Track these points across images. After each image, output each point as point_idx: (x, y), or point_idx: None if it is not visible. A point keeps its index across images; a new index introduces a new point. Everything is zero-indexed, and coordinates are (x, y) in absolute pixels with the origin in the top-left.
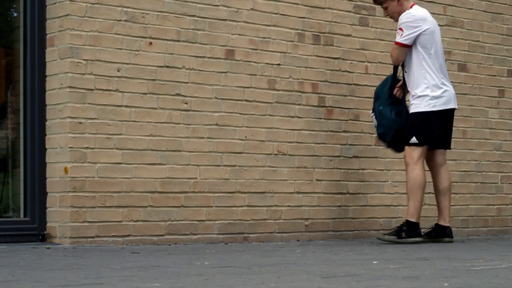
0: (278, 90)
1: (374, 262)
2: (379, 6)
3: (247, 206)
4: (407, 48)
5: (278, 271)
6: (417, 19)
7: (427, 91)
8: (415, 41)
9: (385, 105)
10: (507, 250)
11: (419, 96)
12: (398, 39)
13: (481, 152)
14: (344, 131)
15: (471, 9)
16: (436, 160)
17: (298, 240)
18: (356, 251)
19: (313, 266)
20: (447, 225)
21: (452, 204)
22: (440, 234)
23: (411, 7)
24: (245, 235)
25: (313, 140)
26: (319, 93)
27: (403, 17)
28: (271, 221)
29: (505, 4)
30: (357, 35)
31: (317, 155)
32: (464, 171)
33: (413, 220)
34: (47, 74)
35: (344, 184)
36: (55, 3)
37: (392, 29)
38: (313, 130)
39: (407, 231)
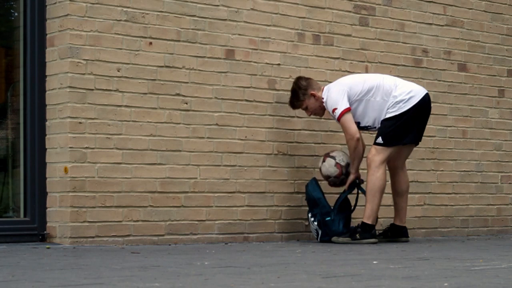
0: (278, 90)
1: (374, 262)
2: (300, 109)
3: (247, 206)
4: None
5: (278, 271)
6: (335, 89)
7: (395, 98)
8: (354, 103)
9: (332, 215)
10: (507, 250)
11: (389, 106)
12: (337, 112)
13: (481, 152)
14: None
15: (471, 9)
16: (398, 162)
17: (298, 240)
18: (356, 251)
19: (313, 266)
20: (403, 225)
21: (452, 204)
22: (396, 233)
23: (322, 90)
24: (245, 235)
25: (313, 140)
26: None
27: (328, 101)
28: (271, 221)
29: (505, 4)
30: (357, 35)
31: (317, 155)
32: (464, 171)
33: (369, 222)
34: (47, 74)
35: None
36: (55, 3)
37: (391, 29)
38: (313, 130)
39: (361, 233)
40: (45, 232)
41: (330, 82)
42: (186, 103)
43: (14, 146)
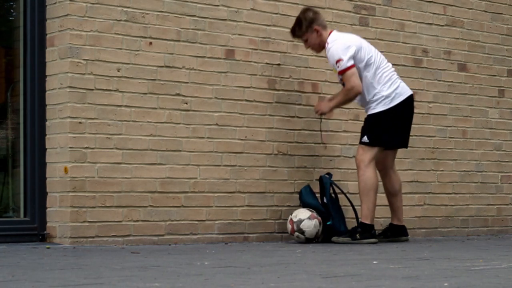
0: (278, 90)
1: (374, 262)
2: (300, 39)
3: (247, 206)
4: (355, 67)
5: (278, 271)
6: (344, 42)
7: (379, 93)
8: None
9: (331, 219)
10: (507, 250)
11: (373, 100)
12: (343, 65)
13: (481, 152)
14: (344, 131)
15: (471, 9)
16: (386, 162)
17: None
18: (356, 251)
19: (313, 266)
20: (402, 224)
21: (452, 204)
22: (396, 233)
23: (329, 34)
24: (245, 235)
25: (313, 140)
26: (319, 93)
27: (332, 50)
28: (271, 221)
29: (505, 4)
30: (357, 35)
31: (317, 155)
32: (464, 171)
33: (367, 222)
34: (47, 74)
35: (344, 184)
36: (55, 3)
37: (391, 29)
38: (313, 130)
39: (361, 233)
40: (45, 232)
41: (330, 82)
42: (186, 103)
43: (14, 146)
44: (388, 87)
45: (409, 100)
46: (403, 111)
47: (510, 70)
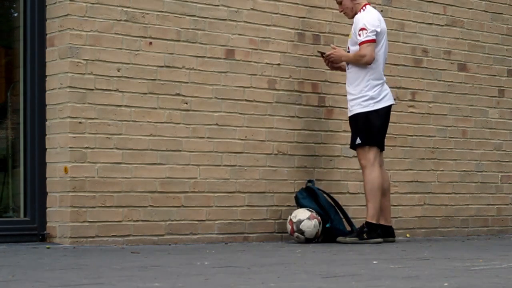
0: (278, 90)
1: (374, 262)
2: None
3: (247, 206)
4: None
5: (278, 271)
6: (378, 18)
7: (369, 91)
8: None
9: (329, 221)
10: (507, 250)
11: (360, 97)
12: (366, 37)
13: (481, 152)
14: (344, 131)
15: (471, 9)
16: None
17: None
18: (356, 251)
19: (313, 266)
20: (389, 224)
21: (452, 204)
22: (383, 234)
23: (364, 6)
24: (245, 235)
25: (313, 140)
26: (319, 93)
27: (363, 17)
28: (271, 221)
29: (505, 4)
30: None
31: (317, 155)
32: (464, 171)
33: (373, 221)
34: (47, 74)
35: (344, 184)
36: (55, 3)
37: (391, 29)
38: (313, 130)
39: (368, 232)
40: (45, 232)
41: (330, 82)
42: (186, 103)
43: (14, 146)
44: (377, 88)
45: (391, 107)
46: (387, 115)
47: (510, 70)
